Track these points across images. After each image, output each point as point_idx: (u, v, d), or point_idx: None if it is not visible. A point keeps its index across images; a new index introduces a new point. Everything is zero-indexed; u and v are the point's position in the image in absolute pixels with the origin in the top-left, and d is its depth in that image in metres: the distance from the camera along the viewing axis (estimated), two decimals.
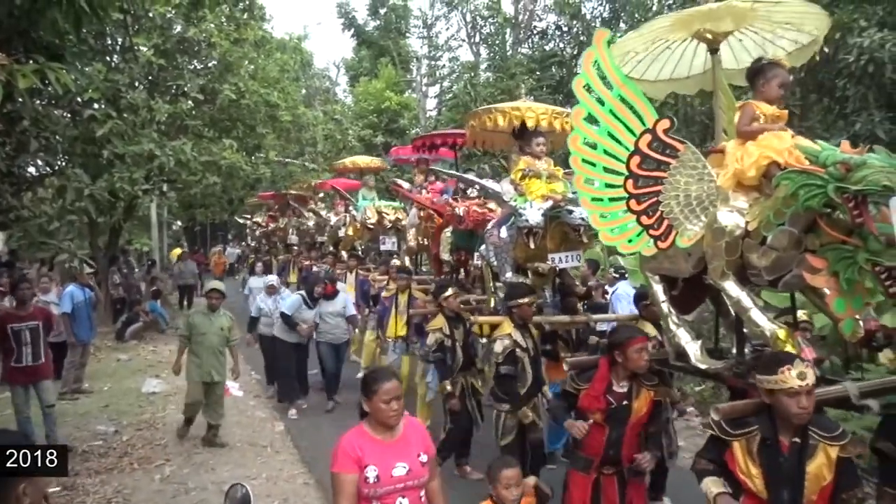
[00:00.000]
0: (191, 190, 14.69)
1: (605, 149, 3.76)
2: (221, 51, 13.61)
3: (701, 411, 8.17)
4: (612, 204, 3.76)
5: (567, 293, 6.02)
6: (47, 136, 7.09)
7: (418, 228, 9.30)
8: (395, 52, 29.77)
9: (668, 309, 3.95)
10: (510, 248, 5.73)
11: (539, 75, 20.37)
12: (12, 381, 6.86)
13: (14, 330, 6.84)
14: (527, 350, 5.14)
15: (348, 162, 13.73)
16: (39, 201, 7.85)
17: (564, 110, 6.26)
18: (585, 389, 3.92)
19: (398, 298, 8.16)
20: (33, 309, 7.23)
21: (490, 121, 6.14)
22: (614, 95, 3.74)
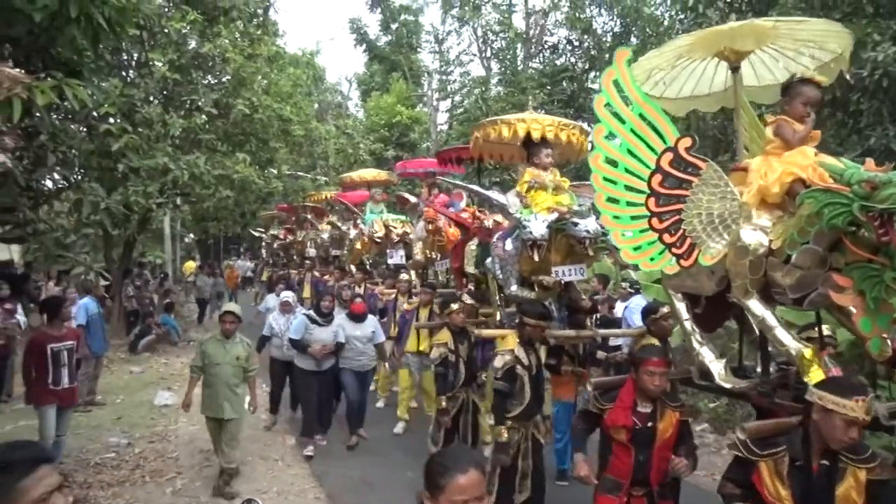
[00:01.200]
0: (204, 203, 14.78)
1: (626, 167, 3.72)
2: (235, 66, 13.71)
3: (715, 428, 8.05)
4: (634, 222, 3.72)
5: (573, 307, 5.95)
6: (64, 150, 7.13)
7: (425, 242, 9.26)
8: (406, 67, 29.94)
9: (692, 327, 3.88)
10: (515, 261, 5.68)
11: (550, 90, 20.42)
12: (45, 402, 6.41)
13: (54, 351, 6.46)
14: (528, 367, 5.03)
15: (355, 175, 13.71)
16: (56, 215, 7.90)
17: (571, 122, 6.26)
18: (610, 408, 3.83)
19: (419, 313, 8.12)
20: (67, 329, 6.92)
21: (495, 132, 6.09)
22: (635, 113, 3.71)
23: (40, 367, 6.38)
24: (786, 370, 3.75)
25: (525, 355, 5.02)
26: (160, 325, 14.33)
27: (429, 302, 8.01)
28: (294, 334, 7.41)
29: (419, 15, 31.87)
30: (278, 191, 18.10)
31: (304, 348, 7.35)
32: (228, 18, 13.65)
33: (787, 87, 3.65)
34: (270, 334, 8.26)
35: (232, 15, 13.70)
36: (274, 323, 8.30)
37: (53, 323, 6.67)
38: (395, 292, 9.16)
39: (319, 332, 7.36)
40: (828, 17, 4.03)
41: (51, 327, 6.65)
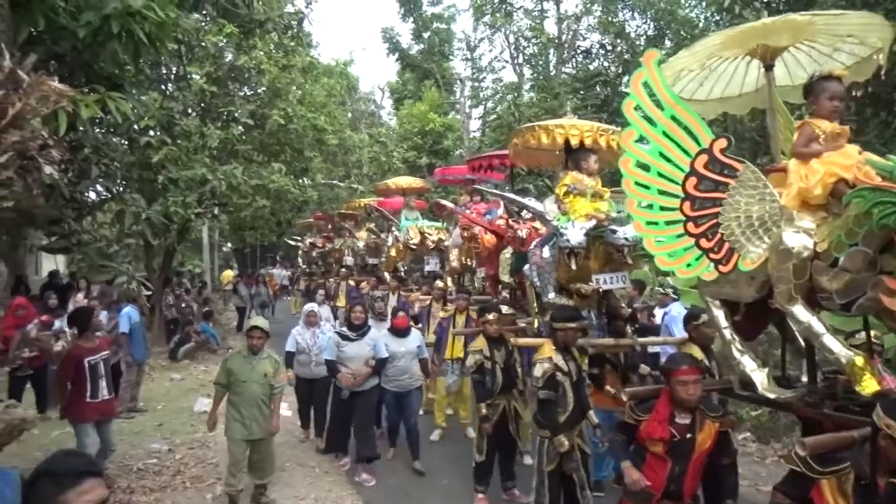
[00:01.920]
0: (241, 213, 15.04)
1: (658, 171, 3.64)
2: (270, 77, 13.94)
3: (758, 437, 7.87)
4: (669, 227, 3.63)
5: (613, 315, 5.85)
6: (107, 162, 7.31)
7: (461, 249, 9.25)
8: (438, 75, 30.06)
9: (731, 335, 3.76)
10: (553, 269, 5.64)
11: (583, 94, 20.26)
12: (83, 418, 6.18)
13: (91, 364, 6.25)
14: (568, 374, 4.96)
15: (390, 183, 13.74)
16: (99, 225, 8.10)
17: (610, 127, 6.16)
18: (646, 420, 3.75)
19: (455, 319, 8.09)
20: (100, 339, 6.70)
21: (534, 139, 6.05)
22: (666, 116, 3.62)
23: (78, 381, 6.17)
24: (833, 379, 3.62)
25: (563, 362, 4.94)
26: (199, 332, 14.56)
27: (465, 308, 7.99)
28: (328, 354, 6.85)
29: (451, 23, 32.02)
30: (313, 199, 18.36)
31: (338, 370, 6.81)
32: (264, 31, 13.86)
33: (808, 88, 3.57)
34: (295, 350, 7.55)
35: (267, 27, 13.90)
36: (298, 337, 7.60)
37: (86, 335, 6.47)
38: (430, 299, 9.15)
39: (353, 349, 6.74)
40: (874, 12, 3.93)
41: (84, 340, 6.45)
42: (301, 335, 7.62)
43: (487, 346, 6.05)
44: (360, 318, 6.91)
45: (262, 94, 14.74)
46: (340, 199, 21.45)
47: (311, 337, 7.59)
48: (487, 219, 8.77)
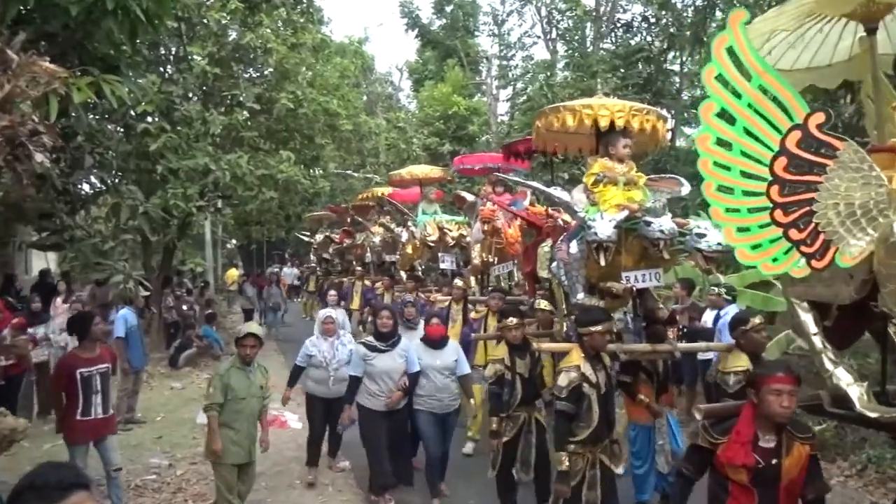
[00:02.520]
0: (246, 206, 15.16)
1: (742, 149, 3.47)
2: (278, 57, 14.04)
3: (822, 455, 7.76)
4: (753, 215, 3.46)
5: (650, 318, 5.77)
6: (101, 151, 7.42)
7: (483, 245, 9.25)
8: (462, 53, 30.06)
9: (822, 343, 3.59)
10: (581, 266, 5.54)
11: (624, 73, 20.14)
12: (74, 440, 6.05)
13: (84, 376, 6.02)
14: (596, 385, 4.86)
15: (405, 172, 13.75)
16: (93, 220, 8.22)
17: (645, 107, 6.05)
18: (724, 442, 3.51)
19: (487, 321, 8.02)
20: (101, 349, 6.40)
21: (558, 121, 5.95)
22: (753, 86, 3.43)
23: (69, 396, 6.02)
24: None
25: (592, 371, 4.86)
26: (202, 337, 14.72)
27: (499, 308, 7.87)
28: (354, 370, 6.44)
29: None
30: (325, 191, 18.43)
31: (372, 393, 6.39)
32: (271, 6, 14.01)
33: None
34: (307, 364, 7.17)
35: (274, 2, 14.05)
36: (314, 349, 7.17)
37: (84, 343, 6.26)
38: (449, 300, 9.14)
39: (383, 361, 6.36)
40: None
41: (81, 349, 6.26)
42: (317, 346, 7.18)
43: (509, 355, 5.94)
44: (389, 325, 6.50)
45: (269, 76, 14.86)
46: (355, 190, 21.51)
47: (329, 348, 7.16)
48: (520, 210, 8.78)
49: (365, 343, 6.61)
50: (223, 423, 5.73)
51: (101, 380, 6.16)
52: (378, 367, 6.35)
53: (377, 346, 6.44)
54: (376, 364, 6.36)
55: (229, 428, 5.74)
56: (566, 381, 4.81)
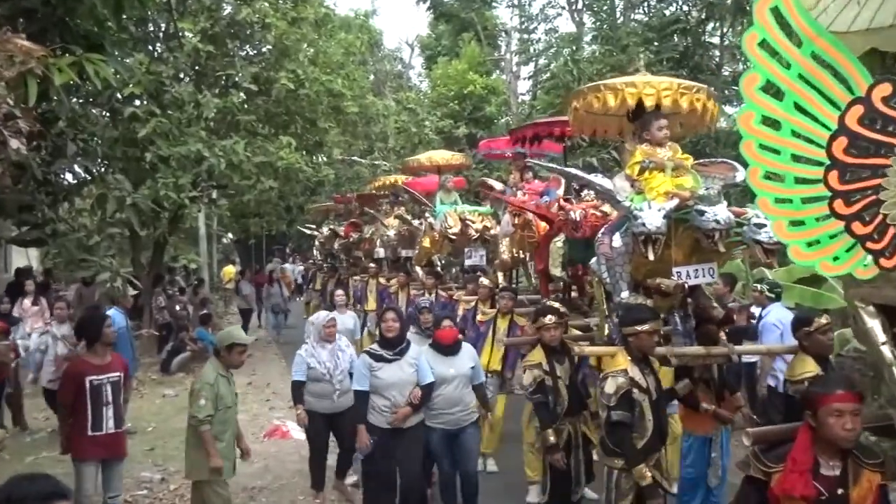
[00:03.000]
0: (244, 196, 15.25)
1: (793, 129, 3.30)
2: (277, 33, 14.06)
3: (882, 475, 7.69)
4: (808, 207, 3.30)
5: (702, 318, 5.69)
6: (85, 138, 7.47)
7: (513, 239, 9.20)
8: (479, 26, 29.97)
9: (892, 354, 3.41)
10: (625, 261, 5.49)
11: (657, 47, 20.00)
12: (83, 455, 5.92)
13: (94, 385, 5.90)
14: (647, 391, 4.80)
15: (423, 158, 13.68)
16: (78, 213, 8.29)
17: (694, 84, 5.98)
18: (780, 471, 3.37)
19: (496, 324, 7.93)
20: (113, 357, 6.25)
21: (598, 101, 5.88)
22: (804, 53, 3.25)
23: (77, 407, 5.89)
24: None
25: (641, 375, 4.80)
26: (196, 340, 14.78)
27: (509, 310, 7.87)
28: (360, 384, 6.04)
29: None
30: (329, 180, 18.50)
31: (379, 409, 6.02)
32: None
33: None
34: (305, 377, 6.76)
35: None
36: (311, 359, 6.79)
37: (95, 348, 6.11)
38: (476, 300, 9.11)
39: (390, 372, 5.99)
40: None
41: (91, 354, 6.11)
42: (315, 356, 6.81)
43: (546, 359, 5.87)
44: (394, 330, 6.10)
45: (267, 54, 14.89)
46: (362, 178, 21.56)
47: (329, 357, 6.81)
48: (544, 200, 8.73)
49: (369, 352, 6.18)
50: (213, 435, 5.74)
51: (113, 390, 6.02)
52: (384, 379, 5.93)
53: (383, 355, 6.03)
54: (382, 376, 5.94)
55: (218, 441, 5.77)
56: (614, 388, 4.73)
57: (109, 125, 8.42)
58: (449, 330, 6.33)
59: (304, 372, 6.75)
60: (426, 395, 6.01)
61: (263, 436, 9.46)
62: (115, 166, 8.80)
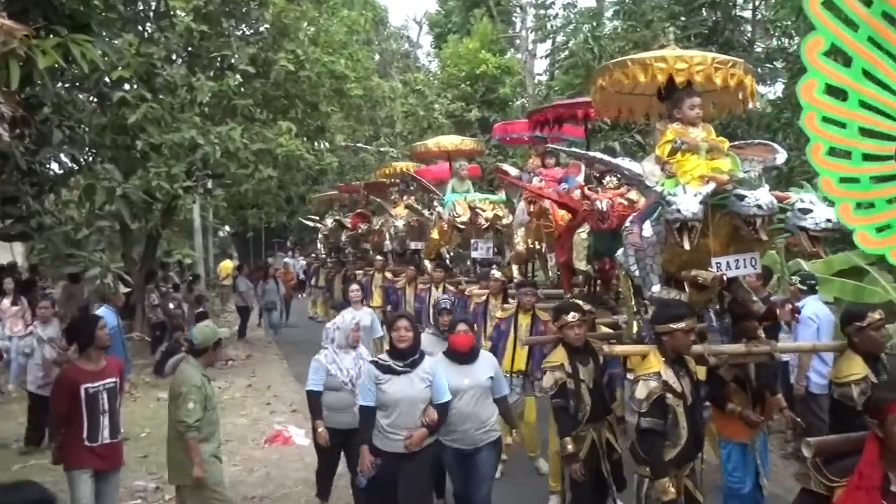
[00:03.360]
0: (241, 186, 15.23)
1: (861, 98, 3.21)
2: (275, 11, 14.05)
3: None
4: (878, 187, 3.23)
5: (741, 313, 5.59)
6: (72, 124, 7.49)
7: (528, 229, 9.18)
8: (492, 1, 29.85)
9: None
10: (657, 252, 5.44)
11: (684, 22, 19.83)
12: (77, 464, 5.87)
13: (90, 393, 5.87)
14: (682, 395, 4.75)
15: (431, 144, 13.65)
16: (65, 205, 8.32)
17: (729, 58, 5.86)
18: (843, 486, 3.34)
19: (518, 320, 7.89)
20: (108, 361, 6.21)
21: (625, 78, 5.80)
22: (874, 13, 3.14)
23: (72, 416, 5.86)
24: None
25: (675, 378, 4.75)
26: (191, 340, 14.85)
27: (531, 306, 7.84)
28: (365, 398, 5.65)
29: None
30: (332, 168, 18.47)
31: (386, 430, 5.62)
32: None
33: None
34: (322, 387, 6.41)
35: None
36: (332, 366, 6.42)
37: (88, 353, 6.06)
38: (486, 294, 9.09)
39: (398, 386, 5.57)
40: None
41: (85, 360, 6.06)
42: (336, 362, 6.46)
43: (569, 360, 5.79)
44: (406, 340, 5.67)
45: (264, 34, 14.89)
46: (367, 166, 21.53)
47: (352, 364, 6.45)
48: (563, 188, 8.70)
49: (376, 362, 5.76)
50: (202, 439, 5.81)
51: (109, 397, 5.99)
52: (391, 394, 5.54)
53: (391, 366, 5.63)
54: (390, 390, 5.55)
55: (208, 443, 5.87)
56: (645, 392, 4.67)
57: (97, 111, 8.44)
58: (464, 335, 6.01)
59: (322, 381, 6.38)
60: (442, 416, 5.63)
61: (264, 442, 9.52)
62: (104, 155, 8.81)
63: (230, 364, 15.15)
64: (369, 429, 5.61)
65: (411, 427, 5.54)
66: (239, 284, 19.98)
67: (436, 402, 5.63)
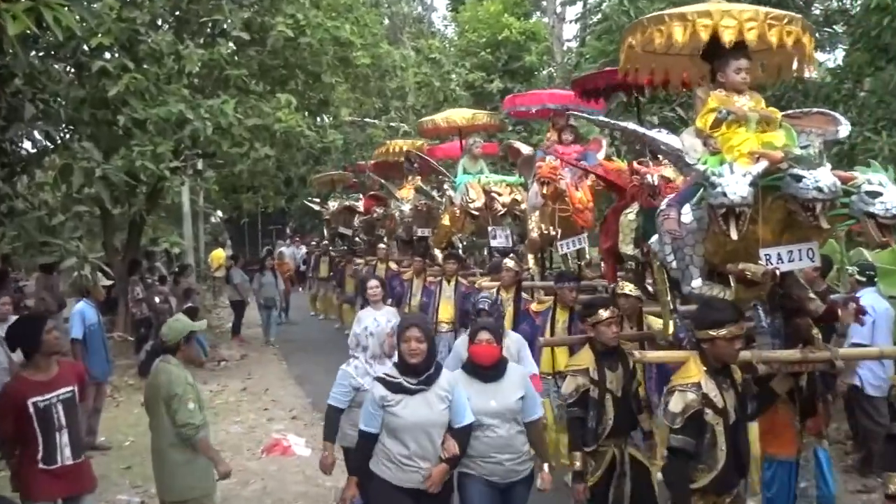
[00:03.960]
0: (235, 167, 15.25)
1: None
2: None
3: None
4: None
5: (794, 311, 5.42)
6: (46, 98, 7.50)
7: (543, 213, 9.10)
8: None
9: None
10: (698, 240, 5.26)
11: None
12: (36, 493, 5.54)
13: (40, 408, 5.42)
14: (723, 412, 4.60)
15: (440, 119, 13.62)
16: (38, 188, 8.35)
17: (785, 14, 5.59)
18: None
19: (555, 315, 7.85)
20: (61, 367, 5.76)
21: (661, 36, 5.57)
22: None
23: (23, 436, 5.48)
24: None
25: (717, 391, 4.60)
26: None
27: (572, 302, 7.74)
28: (367, 424, 5.16)
29: None
30: (337, 146, 18.43)
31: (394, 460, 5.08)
32: None
33: None
34: (346, 404, 6.04)
35: None
36: (366, 379, 5.91)
37: (36, 361, 5.62)
38: (498, 287, 9.05)
39: (411, 409, 5.04)
40: None
41: (32, 369, 5.62)
42: (370, 375, 5.85)
43: (595, 364, 5.69)
44: (419, 353, 5.04)
45: None
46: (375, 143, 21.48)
47: None
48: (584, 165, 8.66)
49: (384, 379, 5.16)
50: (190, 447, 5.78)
51: (65, 410, 5.57)
52: (403, 417, 5.01)
53: (402, 384, 5.06)
54: (402, 413, 5.02)
55: (196, 450, 5.83)
56: (681, 406, 4.50)
57: (74, 83, 8.48)
58: (487, 346, 5.35)
59: (349, 397, 6.00)
60: (463, 444, 5.11)
61: (261, 452, 9.57)
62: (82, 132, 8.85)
63: (223, 365, 15.25)
64: (364, 459, 5.17)
65: (431, 457, 5.00)
66: (233, 276, 19.86)
67: (455, 425, 5.08)
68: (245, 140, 13.35)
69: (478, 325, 5.79)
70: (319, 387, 9.96)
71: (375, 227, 17.61)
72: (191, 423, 5.66)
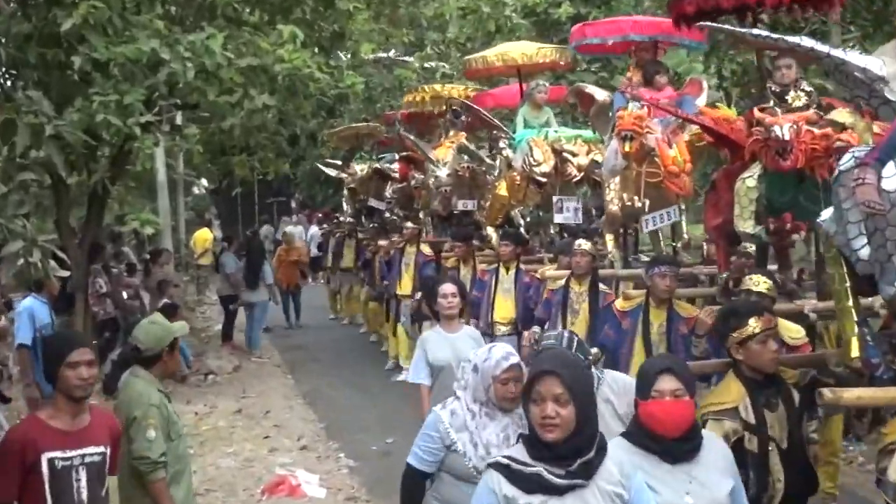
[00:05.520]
0: (224, 121, 15.33)
1: None
2: None
3: None
4: None
5: None
6: None
7: (624, 178, 9.00)
8: None
9: None
10: None
11: None
12: None
13: (56, 467, 4.88)
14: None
15: (493, 56, 13.60)
16: None
17: None
18: None
19: (649, 316, 7.67)
20: (93, 416, 5.19)
21: None
22: None
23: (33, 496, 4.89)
24: None
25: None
26: None
27: (670, 294, 7.61)
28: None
29: None
30: (357, 92, 18.45)
31: None
32: None
33: None
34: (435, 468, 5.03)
35: None
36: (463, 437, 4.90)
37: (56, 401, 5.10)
38: (568, 276, 9.03)
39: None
40: None
41: (51, 409, 5.11)
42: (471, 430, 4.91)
43: (751, 400, 5.04)
44: (560, 420, 3.53)
45: None
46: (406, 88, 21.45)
47: (501, 441, 4.83)
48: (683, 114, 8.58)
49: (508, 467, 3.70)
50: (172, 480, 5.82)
51: (89, 479, 5.04)
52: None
53: (544, 479, 3.64)
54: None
55: (176, 485, 5.87)
56: None
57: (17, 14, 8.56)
58: (675, 402, 4.15)
59: (438, 457, 5.03)
60: None
61: (262, 492, 9.66)
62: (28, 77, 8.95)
63: (211, 379, 15.39)
64: None
65: None
66: (225, 264, 19.61)
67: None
68: (237, 86, 13.40)
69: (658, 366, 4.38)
70: (336, 408, 10.06)
71: (414, 200, 17.25)
72: (146, 457, 5.55)
